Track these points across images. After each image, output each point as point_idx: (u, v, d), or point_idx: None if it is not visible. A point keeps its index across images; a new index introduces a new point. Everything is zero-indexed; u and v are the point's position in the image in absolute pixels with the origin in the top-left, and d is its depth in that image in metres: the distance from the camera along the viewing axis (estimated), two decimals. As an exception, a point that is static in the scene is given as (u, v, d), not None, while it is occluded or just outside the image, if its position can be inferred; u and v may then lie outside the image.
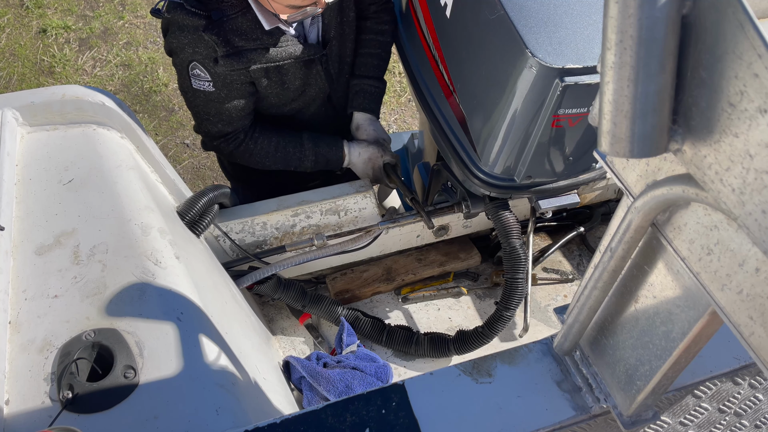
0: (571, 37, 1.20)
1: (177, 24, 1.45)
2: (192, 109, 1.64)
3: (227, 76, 1.51)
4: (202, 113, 1.62)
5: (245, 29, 1.47)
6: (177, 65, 1.54)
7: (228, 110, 1.59)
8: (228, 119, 1.62)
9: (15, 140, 1.33)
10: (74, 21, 4.09)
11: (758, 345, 0.54)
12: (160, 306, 1.09)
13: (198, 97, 1.57)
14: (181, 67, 1.52)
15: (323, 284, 1.89)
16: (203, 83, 1.53)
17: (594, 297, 0.79)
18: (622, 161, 0.67)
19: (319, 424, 0.83)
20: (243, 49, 1.49)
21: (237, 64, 1.50)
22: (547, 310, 1.87)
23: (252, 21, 1.46)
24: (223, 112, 1.60)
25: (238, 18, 1.45)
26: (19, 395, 0.96)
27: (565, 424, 0.88)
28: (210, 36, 1.44)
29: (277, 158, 1.71)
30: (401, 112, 3.82)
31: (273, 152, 1.70)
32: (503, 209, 1.57)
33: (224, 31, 1.45)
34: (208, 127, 1.65)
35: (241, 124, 1.65)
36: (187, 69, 1.51)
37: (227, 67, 1.49)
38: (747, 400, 1.05)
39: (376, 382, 1.53)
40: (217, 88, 1.54)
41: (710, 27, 0.46)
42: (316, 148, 1.72)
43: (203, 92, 1.55)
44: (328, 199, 1.64)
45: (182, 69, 1.52)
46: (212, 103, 1.57)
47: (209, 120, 1.62)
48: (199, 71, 1.51)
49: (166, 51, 1.54)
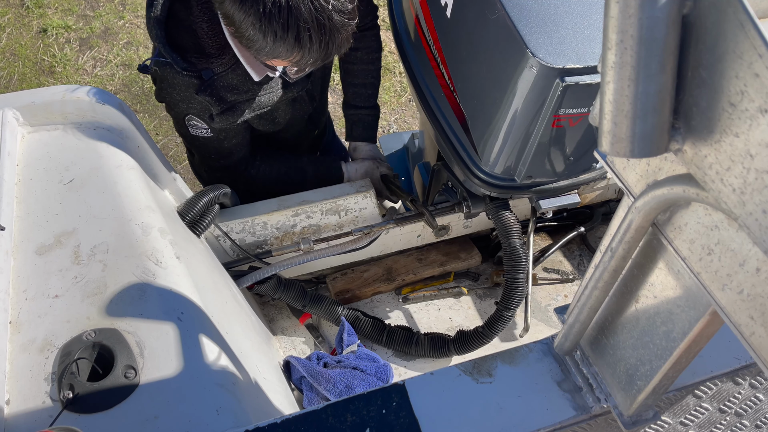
0: (571, 37, 1.20)
1: (168, 82, 1.44)
2: (192, 148, 1.68)
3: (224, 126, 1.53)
4: (203, 153, 1.66)
5: (236, 84, 1.45)
6: (172, 116, 1.55)
7: (228, 148, 1.62)
8: (228, 155, 1.65)
9: (15, 140, 1.33)
10: (75, 21, 4.10)
11: (759, 345, 0.54)
12: (160, 306, 1.09)
13: (197, 140, 1.59)
14: (177, 118, 1.53)
15: (323, 284, 1.89)
16: (201, 131, 1.55)
17: (594, 297, 0.79)
18: (622, 161, 0.67)
19: (319, 424, 0.83)
20: (236, 102, 1.48)
21: (232, 117, 1.50)
22: (547, 310, 1.87)
23: (242, 75, 1.44)
24: (223, 150, 1.62)
25: (228, 74, 1.43)
26: (19, 395, 0.96)
27: (565, 424, 0.88)
28: (204, 97, 1.43)
29: (279, 187, 1.74)
30: (401, 112, 3.82)
31: (275, 179, 1.74)
32: (504, 209, 1.57)
33: (216, 89, 1.43)
34: (209, 163, 1.70)
35: (240, 155, 1.68)
36: (184, 120, 1.52)
37: (223, 123, 1.50)
38: (748, 400, 1.05)
39: (376, 382, 1.53)
40: (215, 133, 1.55)
41: (711, 27, 0.46)
42: (317, 171, 1.77)
43: (202, 137, 1.57)
44: (328, 199, 1.64)
45: (178, 119, 1.53)
46: (212, 144, 1.60)
47: (209, 158, 1.66)
48: (195, 122, 1.52)
49: (158, 99, 1.53)
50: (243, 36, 1.21)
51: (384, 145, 2.40)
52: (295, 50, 1.21)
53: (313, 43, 1.19)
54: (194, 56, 1.39)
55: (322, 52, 1.23)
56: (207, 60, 1.40)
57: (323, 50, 1.23)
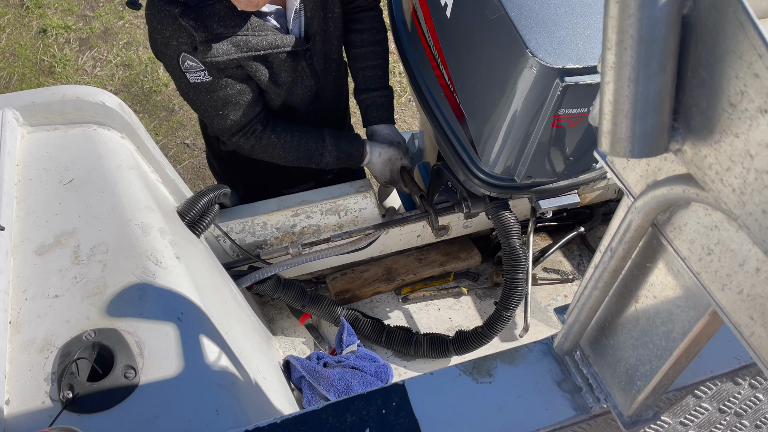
0: (571, 37, 1.20)
1: (155, 15, 1.43)
2: (199, 110, 1.61)
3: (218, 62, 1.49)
4: (209, 109, 1.58)
5: (223, 15, 1.45)
6: (168, 66, 1.52)
7: (234, 97, 1.56)
8: (236, 106, 1.58)
9: (15, 140, 1.33)
10: (74, 21, 4.10)
11: (759, 345, 0.54)
12: (160, 306, 1.09)
13: (199, 92, 1.54)
14: (173, 65, 1.50)
15: (323, 284, 1.89)
16: (198, 74, 1.50)
17: (594, 297, 0.79)
18: (622, 161, 0.67)
19: (319, 424, 0.83)
20: (223, 35, 1.46)
21: (218, 51, 1.47)
22: (547, 310, 1.87)
23: (228, 8, 1.44)
24: (229, 99, 1.56)
25: (215, 4, 1.43)
26: (19, 395, 0.96)
27: (565, 424, 0.88)
28: (187, 21, 1.41)
29: (300, 152, 1.69)
30: (401, 112, 3.82)
31: (296, 146, 1.68)
32: (503, 209, 1.57)
33: (201, 16, 1.43)
34: (221, 124, 1.61)
35: (253, 112, 1.62)
36: (179, 64, 1.49)
37: (207, 54, 1.47)
38: (747, 400, 1.05)
39: (376, 381, 1.53)
40: (214, 76, 1.51)
41: (711, 27, 0.46)
42: (338, 143, 1.72)
43: (202, 84, 1.52)
44: (328, 199, 1.64)
45: (174, 66, 1.50)
46: (215, 93, 1.54)
47: (219, 114, 1.59)
48: (190, 62, 1.48)
49: (154, 53, 1.52)
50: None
51: (384, 145, 2.39)
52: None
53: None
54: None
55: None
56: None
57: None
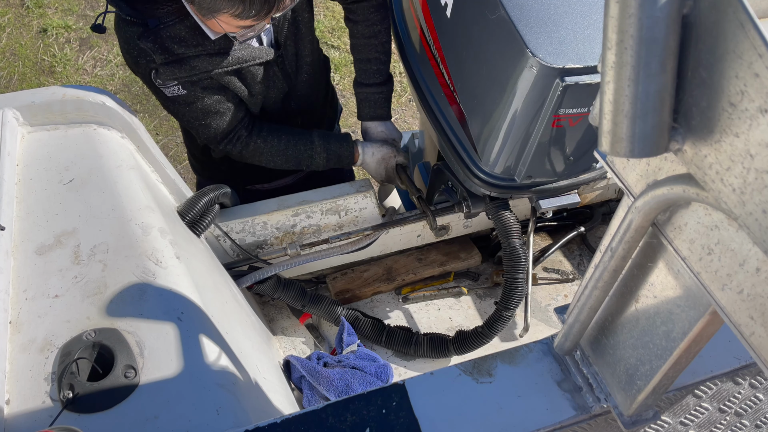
0: (571, 36, 1.20)
1: (122, 38, 1.42)
2: (182, 121, 1.60)
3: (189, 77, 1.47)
4: (192, 120, 1.58)
5: (184, 36, 1.41)
6: (145, 83, 1.50)
7: (213, 106, 1.55)
8: (217, 115, 1.57)
9: (15, 140, 1.33)
10: (75, 21, 4.10)
11: (759, 345, 0.54)
12: (160, 306, 1.09)
13: (178, 105, 1.53)
14: (147, 82, 1.48)
15: (324, 284, 1.89)
16: (173, 88, 1.49)
17: (594, 297, 0.79)
18: (622, 161, 0.67)
19: (319, 424, 0.83)
20: (184, 56, 1.44)
21: (179, 71, 1.45)
22: (547, 310, 1.87)
23: (191, 28, 1.40)
24: (209, 109, 1.55)
25: (176, 25, 1.39)
26: (19, 395, 0.96)
27: (565, 424, 0.88)
28: (145, 44, 1.39)
29: (288, 156, 1.68)
30: (401, 112, 3.82)
31: (284, 150, 1.67)
32: (503, 209, 1.57)
33: (162, 39, 1.39)
34: (206, 133, 1.61)
35: (236, 118, 1.60)
36: (153, 81, 1.47)
37: (170, 75, 1.45)
38: (747, 399, 1.05)
39: (376, 381, 1.53)
40: (188, 88, 1.50)
41: (711, 27, 0.46)
42: (327, 144, 1.70)
43: (179, 97, 1.51)
44: (328, 199, 1.64)
45: (149, 83, 1.48)
46: (193, 104, 1.53)
47: (202, 124, 1.59)
48: (161, 80, 1.47)
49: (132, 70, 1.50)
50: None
51: (384, 145, 2.39)
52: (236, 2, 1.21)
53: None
54: (138, 3, 1.37)
55: (264, 6, 1.24)
56: (152, 7, 1.38)
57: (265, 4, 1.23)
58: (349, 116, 3.85)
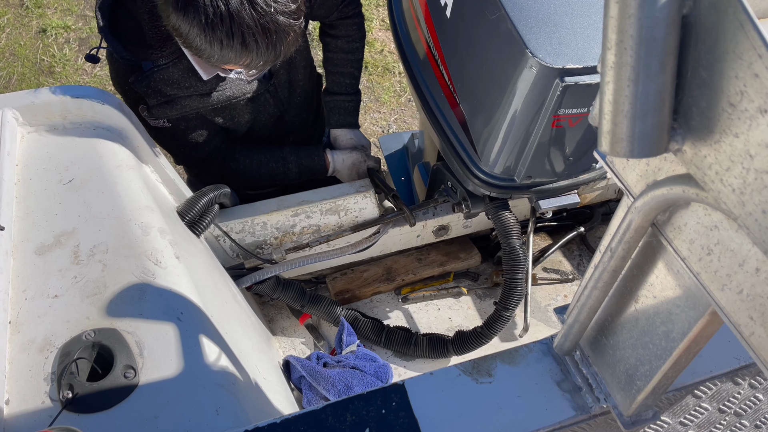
0: (571, 37, 1.20)
1: (114, 70, 1.44)
2: (162, 146, 1.63)
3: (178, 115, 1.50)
4: (171, 147, 1.62)
5: (177, 78, 1.44)
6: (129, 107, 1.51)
7: (194, 138, 1.59)
8: (196, 146, 1.61)
9: (15, 140, 1.33)
10: (74, 21, 4.10)
11: (758, 345, 0.54)
12: (160, 306, 1.09)
13: (161, 134, 1.56)
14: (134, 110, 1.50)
15: (323, 284, 1.89)
16: (158, 121, 1.52)
17: (594, 297, 0.79)
18: (622, 161, 0.67)
19: (319, 424, 0.83)
20: (176, 96, 1.47)
21: (171, 111, 1.48)
22: (547, 310, 1.87)
23: (185, 70, 1.43)
24: (189, 141, 1.59)
25: (170, 68, 1.42)
26: (19, 395, 0.96)
27: (565, 424, 0.88)
28: (140, 88, 1.42)
29: (263, 174, 1.72)
30: (401, 112, 3.82)
31: (257, 169, 1.71)
32: (503, 209, 1.57)
33: (154, 81, 1.42)
34: (182, 159, 1.66)
35: (213, 146, 1.64)
36: (138, 111, 1.49)
37: (162, 115, 1.48)
38: (747, 400, 1.05)
39: (375, 381, 1.53)
40: (173, 122, 1.53)
41: (710, 27, 0.46)
42: (299, 160, 1.74)
43: (163, 129, 1.54)
44: (328, 199, 1.64)
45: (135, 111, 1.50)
46: (175, 135, 1.57)
47: (179, 153, 1.63)
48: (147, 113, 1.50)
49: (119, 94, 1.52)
50: (192, 46, 1.22)
51: (384, 145, 2.40)
52: (243, 55, 1.23)
53: (260, 46, 1.22)
54: (135, 46, 1.39)
55: (271, 54, 1.25)
56: (147, 51, 1.40)
57: (271, 52, 1.25)
58: (349, 116, 3.84)
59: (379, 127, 3.81)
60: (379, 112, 3.82)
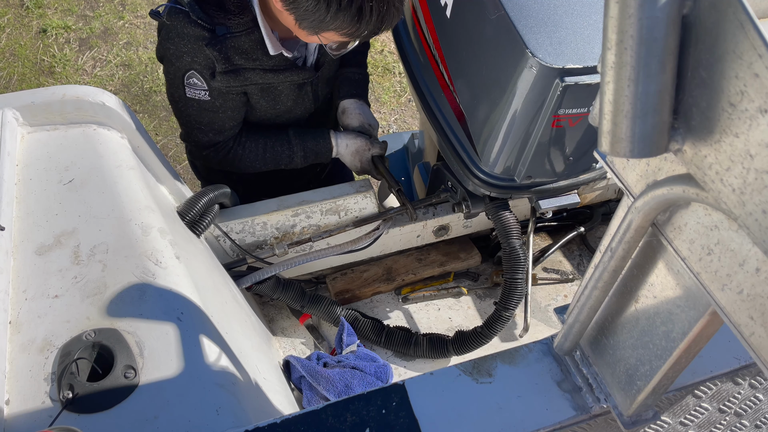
0: (571, 37, 1.20)
1: (177, 31, 1.43)
2: (182, 118, 1.63)
3: (223, 88, 1.51)
4: (193, 122, 1.60)
5: (247, 49, 1.46)
6: (170, 73, 1.52)
7: (221, 120, 1.59)
8: (220, 129, 1.61)
9: (15, 140, 1.33)
10: (74, 21, 4.10)
11: (759, 345, 0.54)
12: (160, 306, 1.09)
13: (191, 106, 1.56)
14: (176, 76, 1.50)
15: (323, 284, 1.89)
16: (199, 92, 1.52)
17: (594, 297, 0.79)
18: (622, 161, 0.67)
19: (319, 424, 0.83)
20: (242, 67, 1.48)
21: (233, 81, 1.49)
22: (547, 310, 1.87)
23: (255, 42, 1.45)
24: (216, 121, 1.59)
25: (242, 37, 1.44)
26: (19, 395, 0.96)
27: (565, 424, 0.88)
28: (212, 51, 1.43)
29: (267, 159, 1.71)
30: (401, 112, 3.82)
31: (262, 154, 1.70)
32: (503, 209, 1.57)
33: (226, 47, 1.44)
34: (198, 137, 1.64)
35: (232, 133, 1.65)
36: (183, 77, 1.49)
37: (223, 83, 1.49)
38: (747, 400, 1.05)
39: (375, 381, 1.53)
40: (213, 97, 1.53)
41: (710, 27, 0.46)
42: (304, 143, 1.72)
43: (197, 101, 1.54)
44: (328, 199, 1.64)
45: (176, 77, 1.50)
46: (206, 112, 1.56)
47: (200, 129, 1.61)
48: (196, 80, 1.49)
49: (158, 56, 1.52)
50: (300, 8, 1.23)
51: (384, 145, 2.39)
52: (355, 21, 1.24)
53: (374, 14, 1.24)
54: (212, 9, 1.40)
55: (378, 24, 1.27)
56: (225, 16, 1.41)
57: (379, 21, 1.27)
58: (349, 116, 3.84)
59: (379, 128, 3.81)
60: (379, 112, 3.82)
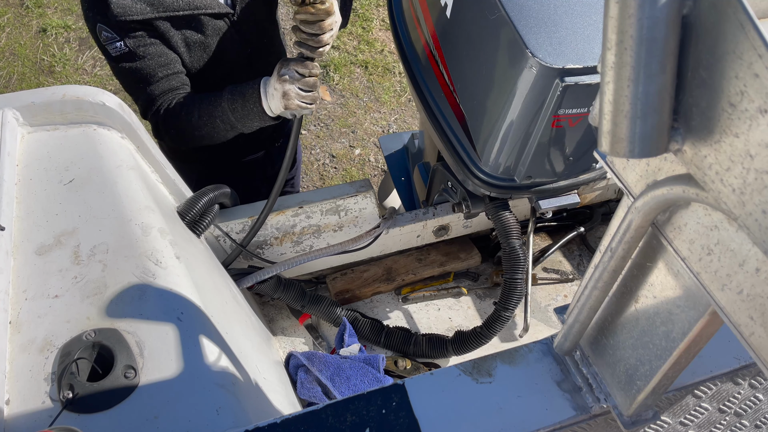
0: (571, 37, 1.20)
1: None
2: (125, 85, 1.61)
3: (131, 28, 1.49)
4: (132, 83, 1.59)
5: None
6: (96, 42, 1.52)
7: (150, 67, 1.56)
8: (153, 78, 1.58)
9: (15, 140, 1.33)
10: (74, 20, 4.10)
11: (758, 345, 0.54)
12: (160, 306, 1.09)
13: (122, 65, 1.55)
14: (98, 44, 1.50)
15: (323, 284, 1.89)
16: (116, 44, 1.51)
17: (594, 297, 0.79)
18: (622, 161, 0.67)
19: (319, 424, 0.83)
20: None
21: (130, 9, 1.47)
22: (547, 310, 1.87)
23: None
24: (145, 69, 1.56)
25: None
26: (19, 395, 0.96)
27: (565, 424, 0.88)
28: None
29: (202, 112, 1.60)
30: (401, 112, 3.82)
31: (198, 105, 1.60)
32: (503, 209, 1.57)
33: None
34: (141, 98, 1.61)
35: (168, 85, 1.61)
36: (98, 37, 1.49)
37: (122, 10, 1.47)
38: (747, 400, 1.05)
39: (365, 367, 1.54)
40: (130, 46, 1.52)
41: (711, 27, 0.46)
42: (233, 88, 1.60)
43: (122, 56, 1.53)
44: (328, 199, 1.64)
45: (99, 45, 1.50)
46: (134, 63, 1.55)
47: (140, 88, 1.59)
48: (106, 33, 1.49)
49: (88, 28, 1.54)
50: None
51: (384, 145, 2.40)
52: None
53: None
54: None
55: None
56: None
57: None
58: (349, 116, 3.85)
59: (379, 127, 3.82)
60: (379, 112, 3.82)
